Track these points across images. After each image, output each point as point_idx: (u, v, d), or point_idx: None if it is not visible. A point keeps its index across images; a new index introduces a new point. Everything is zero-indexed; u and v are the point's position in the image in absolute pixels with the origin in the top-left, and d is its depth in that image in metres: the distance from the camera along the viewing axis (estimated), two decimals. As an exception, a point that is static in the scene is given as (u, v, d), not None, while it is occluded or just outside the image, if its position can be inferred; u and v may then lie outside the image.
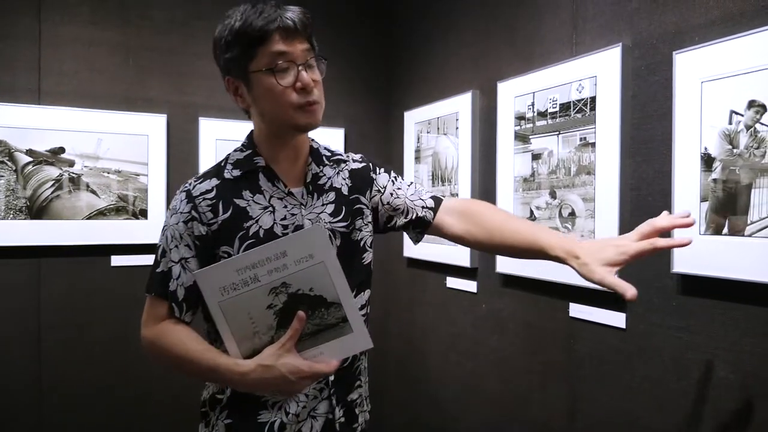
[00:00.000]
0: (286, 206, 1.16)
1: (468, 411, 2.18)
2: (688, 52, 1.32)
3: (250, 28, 1.08)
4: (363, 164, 1.32)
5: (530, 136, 1.81)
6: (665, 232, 1.07)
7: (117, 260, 2.32)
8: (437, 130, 2.34)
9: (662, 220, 1.03)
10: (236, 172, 1.16)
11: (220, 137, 2.44)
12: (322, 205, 1.20)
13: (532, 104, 1.80)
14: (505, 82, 1.92)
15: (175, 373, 1.19)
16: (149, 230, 2.33)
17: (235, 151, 1.22)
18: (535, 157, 1.80)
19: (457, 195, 2.19)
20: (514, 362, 1.93)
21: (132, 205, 2.32)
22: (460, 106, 2.17)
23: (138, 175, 2.32)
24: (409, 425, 2.67)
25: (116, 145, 2.28)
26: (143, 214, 2.33)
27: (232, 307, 1.03)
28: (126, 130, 2.30)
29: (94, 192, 2.26)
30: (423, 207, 1.31)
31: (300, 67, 1.10)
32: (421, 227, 1.31)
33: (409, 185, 1.34)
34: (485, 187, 2.07)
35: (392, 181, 1.33)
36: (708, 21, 1.31)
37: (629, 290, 0.97)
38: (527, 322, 1.88)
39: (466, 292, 2.18)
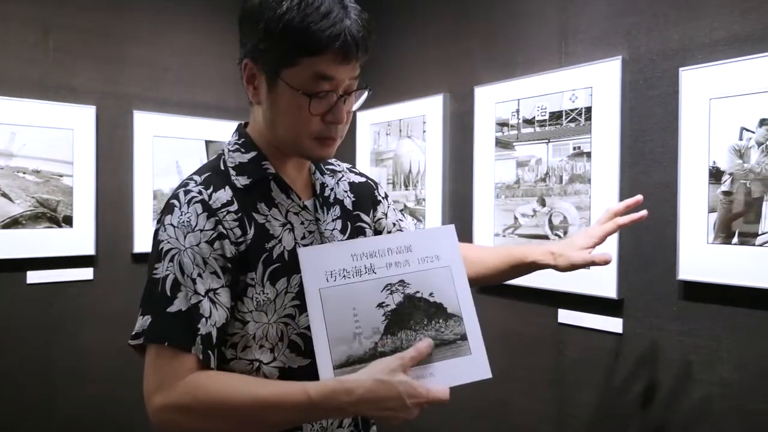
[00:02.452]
0: (302, 222, 1.01)
1: (444, 421, 2.14)
2: (696, 69, 1.39)
3: (307, 33, 0.86)
4: (364, 179, 1.21)
5: (514, 143, 1.81)
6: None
7: (34, 276, 1.98)
8: (399, 133, 2.27)
9: (617, 205, 1.19)
10: (244, 180, 0.97)
11: (159, 134, 2.17)
12: (332, 220, 1.06)
13: (517, 111, 1.80)
14: (483, 87, 1.91)
15: None
16: (75, 240, 2.02)
17: (231, 151, 1.01)
18: (521, 164, 1.80)
19: (424, 200, 2.14)
20: (492, 368, 1.93)
21: (54, 212, 1.98)
22: (429, 108, 2.12)
23: (61, 175, 1.99)
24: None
25: (34, 140, 1.94)
26: (67, 221, 2.00)
27: (335, 298, 0.87)
28: (46, 123, 1.96)
29: (6, 196, 1.89)
30: None
31: (340, 98, 0.93)
32: None
33: (404, 216, 1.28)
34: (459, 192, 2.04)
35: (393, 209, 1.25)
36: (712, 41, 1.39)
37: (604, 255, 1.11)
38: (507, 329, 1.89)
39: (435, 298, 2.14)
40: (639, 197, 1.17)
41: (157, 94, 2.19)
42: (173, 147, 2.19)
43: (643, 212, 1.15)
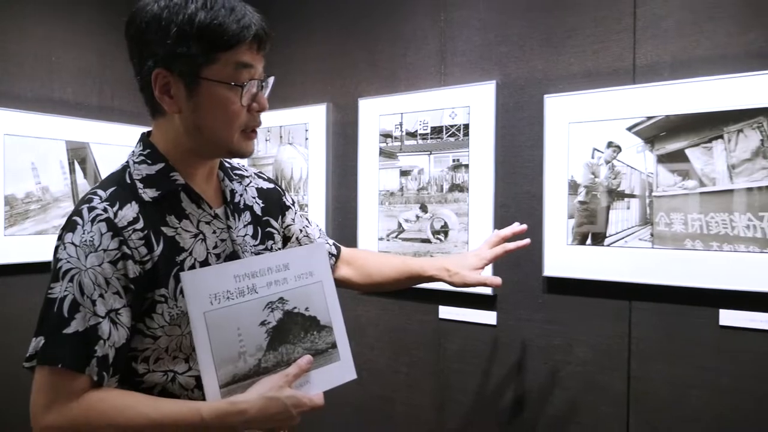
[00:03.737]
0: (214, 231, 1.03)
1: (330, 418, 2.19)
2: (557, 97, 1.63)
3: (221, 28, 0.92)
4: (271, 185, 1.25)
5: (398, 154, 1.95)
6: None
7: None
8: (279, 139, 2.28)
9: (504, 230, 1.35)
10: (152, 193, 0.97)
11: (11, 132, 1.93)
12: (244, 226, 1.10)
13: (401, 124, 1.94)
14: (367, 100, 2.01)
15: None
16: None
17: (136, 163, 1.00)
18: (404, 173, 1.94)
19: (307, 205, 2.19)
20: (375, 366, 2.04)
21: None
22: (311, 117, 2.17)
23: None
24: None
25: None
26: None
27: (219, 321, 0.90)
28: None
29: None
30: (329, 253, 1.34)
31: (261, 86, 1.01)
32: None
33: (310, 222, 1.35)
34: (342, 199, 2.13)
35: (300, 215, 1.31)
36: (570, 74, 1.64)
37: (495, 279, 1.27)
38: (390, 327, 2.02)
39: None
40: (524, 226, 1.34)
41: (9, 88, 1.94)
42: (28, 147, 1.97)
43: (527, 240, 1.34)
